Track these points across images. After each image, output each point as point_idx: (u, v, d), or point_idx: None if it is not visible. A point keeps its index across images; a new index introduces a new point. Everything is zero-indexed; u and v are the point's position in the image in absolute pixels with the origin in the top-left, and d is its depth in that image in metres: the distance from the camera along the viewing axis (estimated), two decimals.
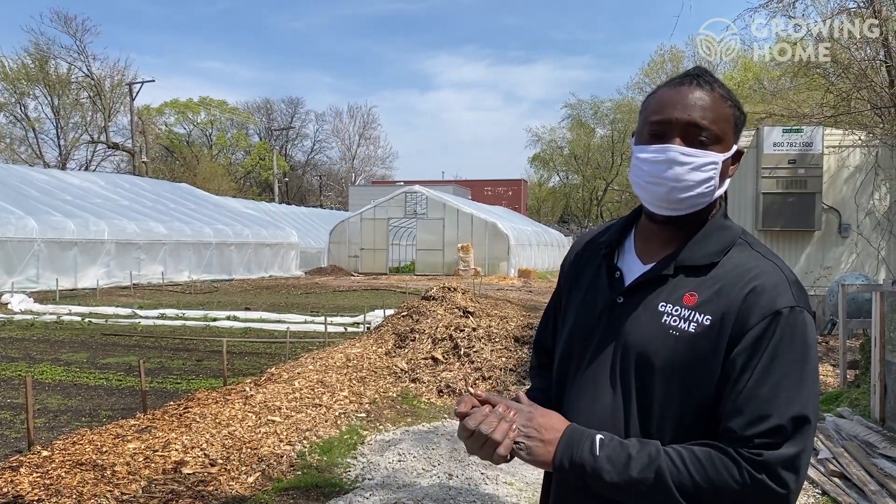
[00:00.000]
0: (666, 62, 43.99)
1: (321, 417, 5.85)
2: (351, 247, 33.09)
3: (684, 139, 1.25)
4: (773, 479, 1.11)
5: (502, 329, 8.87)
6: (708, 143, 1.25)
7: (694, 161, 1.24)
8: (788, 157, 11.50)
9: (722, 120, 1.27)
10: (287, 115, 68.15)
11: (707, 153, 1.25)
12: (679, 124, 1.25)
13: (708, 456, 1.14)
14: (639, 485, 1.15)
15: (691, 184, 1.24)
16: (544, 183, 66.01)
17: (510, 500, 4.34)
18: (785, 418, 1.12)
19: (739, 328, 1.18)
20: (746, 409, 1.14)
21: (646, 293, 1.28)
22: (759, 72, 30.07)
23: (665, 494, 1.14)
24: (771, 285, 1.19)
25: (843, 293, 7.73)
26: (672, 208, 1.27)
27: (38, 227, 19.24)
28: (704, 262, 1.26)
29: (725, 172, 1.29)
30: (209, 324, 13.15)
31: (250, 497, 4.28)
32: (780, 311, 1.17)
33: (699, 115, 1.25)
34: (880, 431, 5.57)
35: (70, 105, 46.68)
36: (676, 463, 1.14)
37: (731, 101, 1.29)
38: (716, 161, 1.25)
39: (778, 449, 1.11)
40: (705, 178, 1.25)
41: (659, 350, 1.22)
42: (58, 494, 4.00)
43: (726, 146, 1.28)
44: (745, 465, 1.11)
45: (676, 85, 1.29)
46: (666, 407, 1.22)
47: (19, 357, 9.32)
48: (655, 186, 1.26)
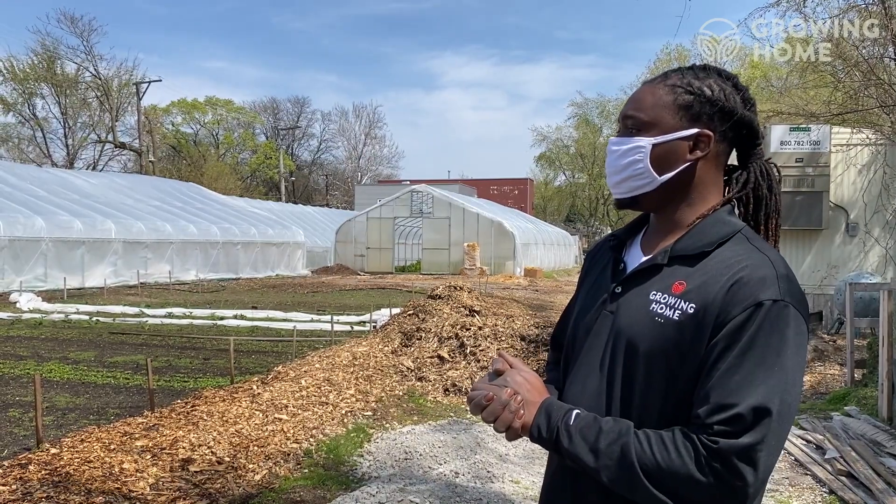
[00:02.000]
0: (672, 61, 43.81)
1: (328, 415, 5.86)
2: (357, 246, 33.11)
3: (621, 131, 1.37)
4: (727, 469, 1.10)
5: (508, 328, 8.87)
6: (636, 131, 1.33)
7: (620, 148, 1.35)
8: (796, 156, 11.46)
9: (658, 106, 1.31)
10: (293, 115, 68.33)
11: (631, 139, 1.33)
12: (621, 120, 1.38)
13: (671, 438, 1.15)
14: (605, 458, 1.18)
15: (619, 168, 1.35)
16: (550, 182, 65.90)
17: (517, 499, 4.35)
18: (746, 408, 1.11)
19: (722, 318, 1.18)
20: (713, 396, 1.14)
21: (641, 282, 1.31)
22: (767, 70, 29.94)
23: (629, 472, 1.15)
24: (757, 277, 1.19)
25: (850, 292, 7.70)
26: (617, 192, 1.38)
27: (45, 227, 19.33)
28: (696, 251, 1.27)
29: (674, 156, 1.31)
30: (216, 322, 13.19)
31: (257, 495, 4.29)
32: (761, 303, 1.16)
33: (631, 108, 1.35)
34: (888, 430, 5.55)
35: (77, 105, 46.87)
36: (642, 442, 1.16)
37: (685, 89, 1.31)
38: (640, 145, 1.32)
39: (735, 438, 1.10)
40: (630, 160, 1.33)
41: (644, 336, 1.25)
42: (66, 492, 4.02)
43: (661, 130, 1.31)
44: (702, 451, 1.11)
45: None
46: (648, 394, 1.24)
47: (28, 355, 9.37)
48: (607, 178, 1.40)
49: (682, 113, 1.31)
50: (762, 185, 1.37)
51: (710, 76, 1.34)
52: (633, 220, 1.48)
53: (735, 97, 1.33)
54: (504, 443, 5.44)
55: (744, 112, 1.33)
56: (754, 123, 1.36)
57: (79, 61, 45.08)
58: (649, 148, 1.31)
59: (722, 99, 1.31)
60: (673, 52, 43.99)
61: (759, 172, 1.37)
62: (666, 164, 1.31)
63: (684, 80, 1.33)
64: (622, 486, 1.17)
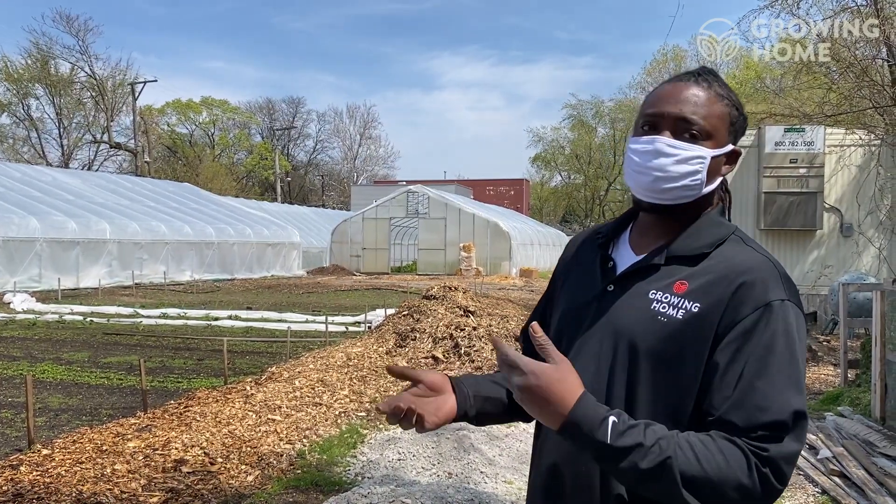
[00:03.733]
0: (668, 61, 43.93)
1: (321, 416, 5.85)
2: (353, 246, 33.09)
3: (673, 132, 1.28)
4: (775, 474, 1.10)
5: (503, 328, 8.87)
6: (697, 138, 1.28)
7: (680, 153, 1.27)
8: (790, 157, 11.50)
9: (714, 117, 1.29)
10: (289, 115, 68.26)
11: (694, 146, 1.27)
12: (670, 118, 1.28)
13: (714, 444, 1.12)
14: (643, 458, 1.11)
15: (675, 175, 1.27)
16: (546, 182, 65.97)
17: (509, 499, 4.34)
18: (786, 413, 1.12)
19: (730, 318, 1.18)
20: (746, 400, 1.13)
21: (636, 281, 1.30)
22: (762, 71, 30.03)
23: (667, 476, 1.09)
24: (762, 278, 1.20)
25: (844, 293, 7.72)
26: (656, 197, 1.30)
27: (40, 227, 19.28)
28: (695, 252, 1.27)
29: (717, 169, 1.31)
30: (211, 323, 13.17)
31: (250, 495, 4.28)
32: (771, 304, 1.18)
33: (690, 111, 1.28)
34: (881, 430, 5.56)
35: (72, 105, 46.78)
36: (683, 447, 1.11)
37: (728, 101, 1.31)
38: (702, 156, 1.27)
39: (780, 443, 1.11)
40: (691, 170, 1.27)
41: (646, 335, 1.24)
42: (58, 493, 4.01)
43: (717, 143, 1.29)
44: (752, 458, 1.10)
45: (675, 81, 1.33)
46: (652, 393, 1.23)
47: (21, 356, 9.34)
48: (642, 175, 1.29)
49: (729, 128, 1.32)
50: (728, 193, 1.40)
51: (728, 87, 1.34)
52: (619, 217, 1.46)
53: None
54: (495, 445, 5.44)
55: None
56: None
57: (73, 61, 45.04)
58: (709, 159, 1.28)
59: (743, 117, 1.35)
60: (669, 52, 44.12)
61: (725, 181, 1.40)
62: (710, 177, 1.30)
63: (730, 93, 1.32)
64: (646, 487, 1.12)
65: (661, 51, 45.22)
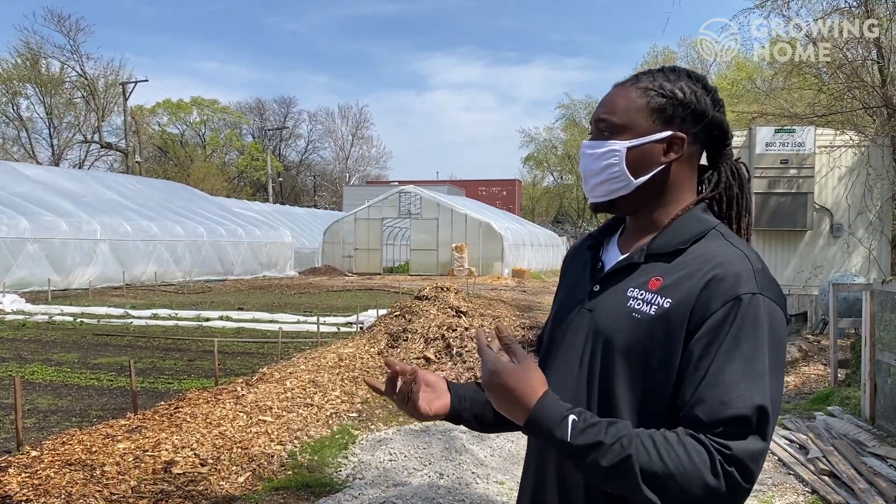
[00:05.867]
0: (658, 63, 44.05)
1: (312, 417, 5.84)
2: (345, 247, 33.03)
3: (594, 134, 1.38)
4: (741, 473, 1.09)
5: (494, 329, 8.87)
6: (609, 134, 1.34)
7: (595, 151, 1.35)
8: (780, 157, 11.53)
9: (632, 109, 1.32)
10: (280, 115, 68.08)
11: (606, 143, 1.34)
12: (593, 123, 1.38)
13: (679, 441, 1.11)
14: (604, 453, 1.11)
15: (596, 171, 1.35)
16: (538, 183, 66.07)
17: (501, 500, 4.34)
18: (748, 408, 1.10)
19: (700, 313, 1.18)
20: (709, 395, 1.12)
21: (618, 280, 1.32)
22: (753, 71, 30.15)
23: (630, 476, 1.10)
24: (734, 272, 1.20)
25: (834, 293, 7.76)
26: (593, 196, 1.38)
27: (30, 227, 19.15)
28: (672, 249, 1.28)
29: (648, 159, 1.32)
30: (202, 324, 13.11)
31: (240, 497, 4.26)
32: (740, 297, 1.17)
33: (603, 111, 1.36)
34: (870, 430, 5.59)
35: (63, 105, 46.54)
36: (646, 444, 1.11)
37: (657, 91, 1.32)
38: (615, 149, 1.33)
39: (744, 440, 1.10)
40: (606, 164, 1.33)
41: (620, 332, 1.25)
42: (46, 495, 3.98)
43: (635, 134, 1.32)
44: (716, 455, 1.09)
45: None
46: (630, 391, 1.23)
47: (10, 357, 9.28)
48: (584, 182, 1.39)
49: (655, 116, 1.32)
50: (734, 185, 1.38)
51: (681, 78, 1.35)
52: (608, 221, 1.49)
53: (706, 98, 1.34)
54: (486, 446, 5.43)
55: (714, 113, 1.34)
56: (724, 124, 1.37)
57: (64, 60, 44.79)
58: (624, 151, 1.32)
59: (694, 101, 1.32)
60: (660, 53, 44.26)
61: (731, 172, 1.38)
62: (641, 167, 1.32)
63: (656, 83, 1.33)
64: (611, 484, 1.13)
65: (652, 52, 45.42)
